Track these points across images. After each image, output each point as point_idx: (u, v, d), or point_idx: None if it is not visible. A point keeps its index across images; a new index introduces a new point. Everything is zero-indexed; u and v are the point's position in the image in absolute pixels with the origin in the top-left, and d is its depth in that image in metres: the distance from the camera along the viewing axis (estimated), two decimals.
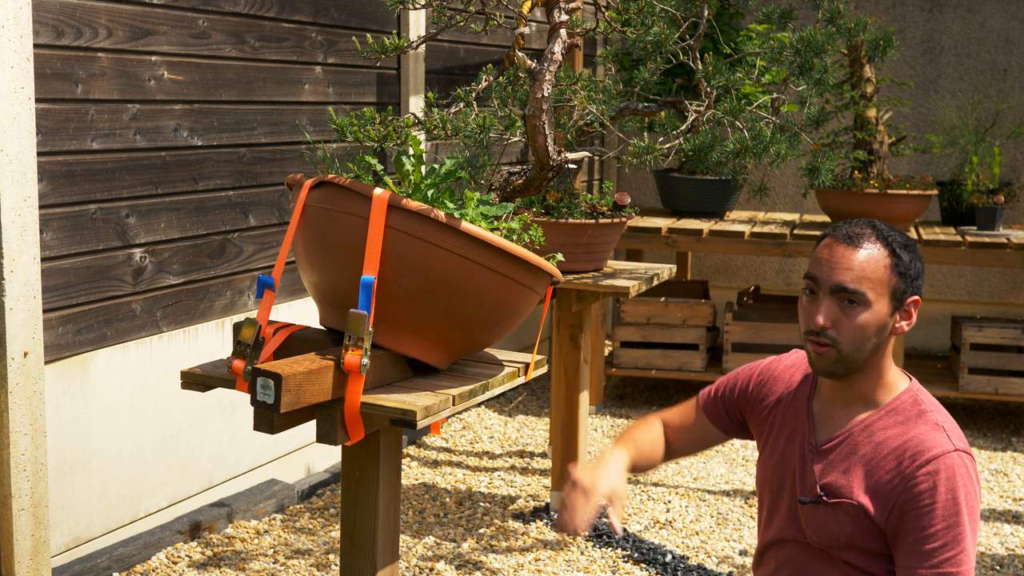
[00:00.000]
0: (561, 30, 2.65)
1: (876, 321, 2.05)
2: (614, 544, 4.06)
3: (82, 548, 3.55)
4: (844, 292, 2.04)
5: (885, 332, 2.07)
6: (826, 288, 2.06)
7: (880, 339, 2.07)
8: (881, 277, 2.04)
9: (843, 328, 2.04)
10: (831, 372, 2.09)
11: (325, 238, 2.24)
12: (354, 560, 2.38)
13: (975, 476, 2.04)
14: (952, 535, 1.98)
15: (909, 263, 2.07)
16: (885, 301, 2.05)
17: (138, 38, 3.60)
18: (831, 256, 2.06)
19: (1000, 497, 4.72)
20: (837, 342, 2.05)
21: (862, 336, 2.05)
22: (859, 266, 2.04)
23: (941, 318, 6.85)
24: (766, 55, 3.80)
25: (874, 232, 2.07)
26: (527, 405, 5.89)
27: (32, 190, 3.13)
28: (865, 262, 2.04)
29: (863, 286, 2.03)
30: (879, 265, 2.04)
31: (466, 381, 2.33)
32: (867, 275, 2.04)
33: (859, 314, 2.04)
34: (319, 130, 4.44)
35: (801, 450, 2.18)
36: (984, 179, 5.85)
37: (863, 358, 2.07)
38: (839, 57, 5.52)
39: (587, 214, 3.85)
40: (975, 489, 2.03)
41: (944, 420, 2.09)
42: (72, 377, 3.46)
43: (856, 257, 2.04)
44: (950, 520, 1.99)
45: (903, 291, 2.07)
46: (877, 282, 2.04)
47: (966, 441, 2.08)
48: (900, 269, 2.06)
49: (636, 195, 7.12)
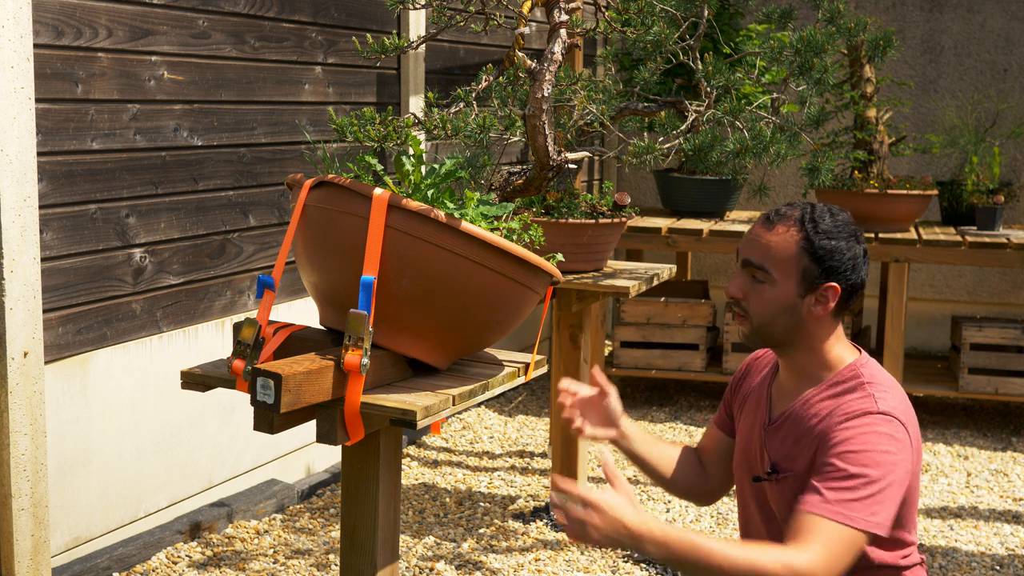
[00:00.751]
0: (561, 30, 2.65)
1: (781, 299, 2.12)
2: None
3: (82, 548, 3.55)
4: (751, 267, 2.14)
5: (796, 312, 2.13)
6: (740, 261, 2.17)
7: (792, 318, 2.13)
8: (788, 258, 2.11)
9: (752, 301, 2.15)
10: (749, 341, 2.19)
11: (325, 238, 2.24)
12: (354, 560, 2.38)
13: (902, 438, 2.03)
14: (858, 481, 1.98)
15: (830, 251, 2.11)
16: (792, 282, 2.12)
17: (138, 38, 3.60)
18: (750, 232, 2.18)
19: (1000, 497, 4.72)
20: (748, 314, 2.15)
21: (768, 311, 2.13)
22: (766, 244, 2.13)
23: (941, 318, 6.85)
24: (766, 55, 3.80)
25: (800, 215, 2.13)
26: (527, 405, 5.89)
27: (32, 190, 3.13)
28: (774, 242, 2.13)
29: (767, 263, 2.12)
30: (787, 246, 2.12)
31: (466, 381, 2.33)
32: (772, 253, 2.12)
33: (764, 290, 2.13)
34: (319, 130, 4.44)
35: (758, 430, 2.25)
36: (984, 179, 5.85)
37: (778, 332, 2.15)
38: (839, 57, 5.52)
39: (587, 214, 3.85)
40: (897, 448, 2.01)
41: (877, 389, 2.09)
42: (72, 377, 3.46)
43: (767, 236, 2.14)
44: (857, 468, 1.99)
45: (815, 275, 2.11)
46: (783, 262, 2.12)
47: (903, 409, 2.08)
48: (815, 253, 2.11)
49: (636, 195, 7.12)
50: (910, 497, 2.13)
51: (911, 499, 2.13)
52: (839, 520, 1.96)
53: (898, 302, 5.41)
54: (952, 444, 5.41)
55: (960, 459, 5.20)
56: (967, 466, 5.10)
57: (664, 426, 5.54)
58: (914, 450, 2.08)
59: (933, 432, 5.57)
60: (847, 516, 1.96)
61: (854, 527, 1.96)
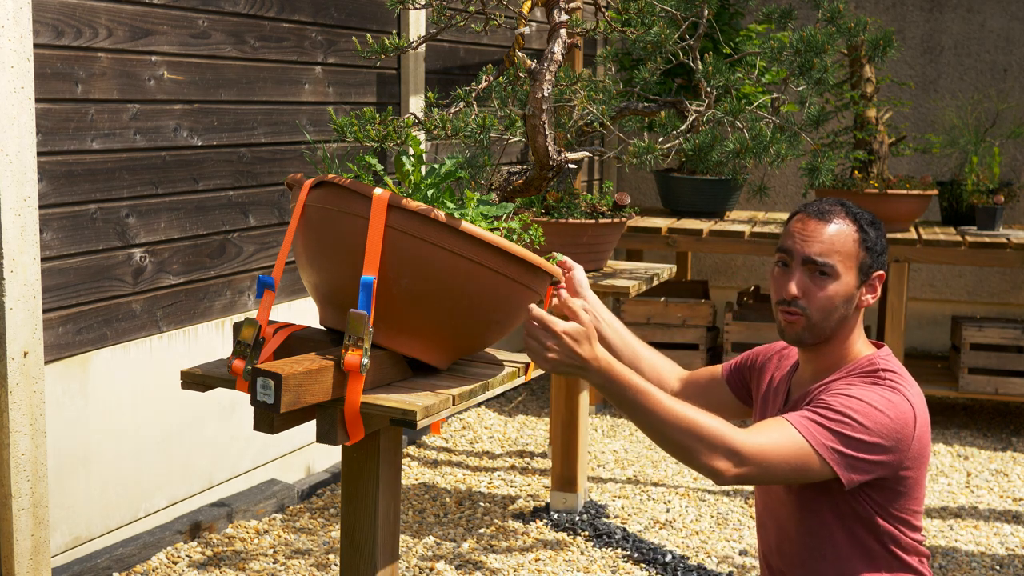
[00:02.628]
0: (561, 30, 2.65)
1: (844, 292, 2.17)
2: (614, 544, 4.07)
3: (82, 548, 3.55)
4: (815, 264, 2.16)
5: (852, 304, 2.19)
6: (798, 259, 2.18)
7: (847, 310, 2.18)
8: (849, 251, 2.17)
9: (813, 298, 2.16)
10: (800, 340, 2.20)
11: (325, 238, 2.24)
12: (354, 560, 2.38)
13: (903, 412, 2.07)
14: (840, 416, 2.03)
15: (876, 239, 2.20)
16: (853, 274, 2.17)
17: (138, 38, 3.60)
18: (804, 230, 2.19)
19: (1000, 497, 4.72)
20: (807, 311, 2.17)
21: (830, 306, 2.16)
22: (829, 239, 2.16)
23: (941, 318, 6.85)
24: (766, 55, 3.80)
25: (843, 209, 2.20)
26: (527, 405, 5.89)
27: (32, 190, 3.13)
28: (835, 236, 2.17)
29: (833, 258, 2.16)
30: (848, 239, 2.17)
31: (466, 381, 2.33)
32: (836, 248, 2.16)
33: (828, 285, 2.16)
34: (319, 130, 4.44)
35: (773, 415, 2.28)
36: (984, 179, 5.85)
37: (831, 327, 2.18)
38: (839, 57, 5.52)
39: (587, 214, 3.85)
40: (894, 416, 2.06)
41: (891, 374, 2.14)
42: (72, 377, 3.46)
43: (827, 231, 2.17)
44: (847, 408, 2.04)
45: (869, 265, 2.19)
46: (846, 255, 2.17)
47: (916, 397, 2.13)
48: (867, 244, 2.18)
49: (636, 195, 7.12)
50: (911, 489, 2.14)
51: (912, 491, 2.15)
52: (799, 430, 2.01)
53: (898, 302, 5.41)
54: (952, 444, 5.41)
55: (960, 459, 5.20)
56: (967, 466, 5.10)
57: None
58: (918, 440, 2.10)
59: (933, 432, 5.57)
60: (809, 432, 2.01)
61: (810, 443, 2.01)
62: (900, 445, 2.07)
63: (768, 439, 1.99)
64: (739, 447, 1.95)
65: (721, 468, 1.95)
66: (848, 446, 2.03)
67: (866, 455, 2.04)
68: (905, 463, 2.09)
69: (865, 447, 2.04)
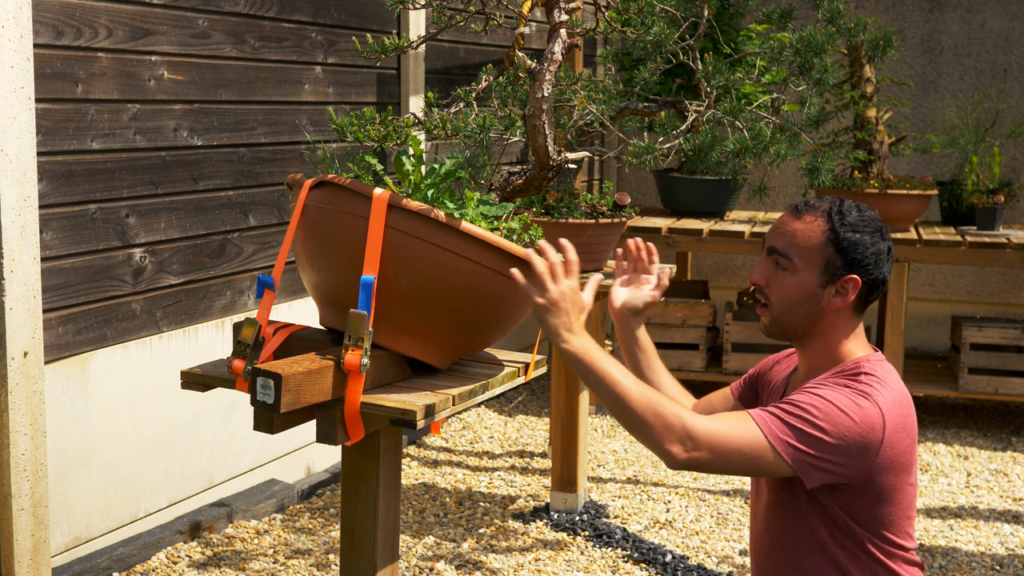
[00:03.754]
0: (561, 30, 2.65)
1: (802, 287, 2.15)
2: (614, 544, 4.07)
3: (82, 548, 3.55)
4: (775, 254, 2.17)
5: (816, 302, 2.15)
6: (765, 248, 2.20)
7: (812, 308, 2.15)
8: (812, 247, 2.14)
9: (773, 289, 2.18)
10: (768, 332, 2.21)
11: (325, 238, 2.24)
12: (354, 560, 2.38)
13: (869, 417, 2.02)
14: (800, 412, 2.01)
15: (854, 243, 2.14)
16: (815, 271, 2.14)
17: (138, 38, 3.60)
18: (777, 221, 2.22)
19: (1000, 497, 4.72)
20: (770, 302, 2.18)
21: (789, 299, 2.16)
22: (793, 232, 2.16)
23: (941, 318, 6.85)
24: (766, 55, 3.80)
25: (828, 207, 2.17)
26: (527, 405, 5.89)
27: (32, 190, 3.13)
28: (800, 230, 2.16)
29: (791, 251, 2.15)
30: (813, 235, 2.15)
31: (466, 381, 2.33)
32: (798, 242, 2.15)
33: (786, 278, 2.16)
34: (319, 130, 4.44)
35: None
36: (984, 179, 5.85)
37: (796, 323, 2.17)
38: (839, 57, 5.52)
39: (587, 214, 3.85)
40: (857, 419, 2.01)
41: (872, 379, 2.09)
42: (72, 377, 3.46)
43: (794, 224, 2.17)
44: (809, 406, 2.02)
45: (838, 267, 2.14)
46: (808, 250, 2.15)
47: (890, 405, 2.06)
48: (839, 244, 2.14)
49: (636, 195, 7.12)
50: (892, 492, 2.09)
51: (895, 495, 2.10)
52: (756, 421, 2.01)
53: (898, 302, 5.41)
54: (952, 444, 5.40)
55: (960, 459, 5.20)
56: (967, 466, 5.10)
57: None
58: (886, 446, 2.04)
59: (933, 432, 5.57)
60: (765, 424, 2.00)
61: (764, 435, 2.00)
62: (865, 451, 2.02)
63: (725, 427, 1.99)
64: (693, 431, 1.95)
65: (674, 451, 1.96)
66: (804, 443, 2.00)
67: (824, 454, 2.00)
68: (874, 469, 2.04)
69: (823, 446, 2.00)
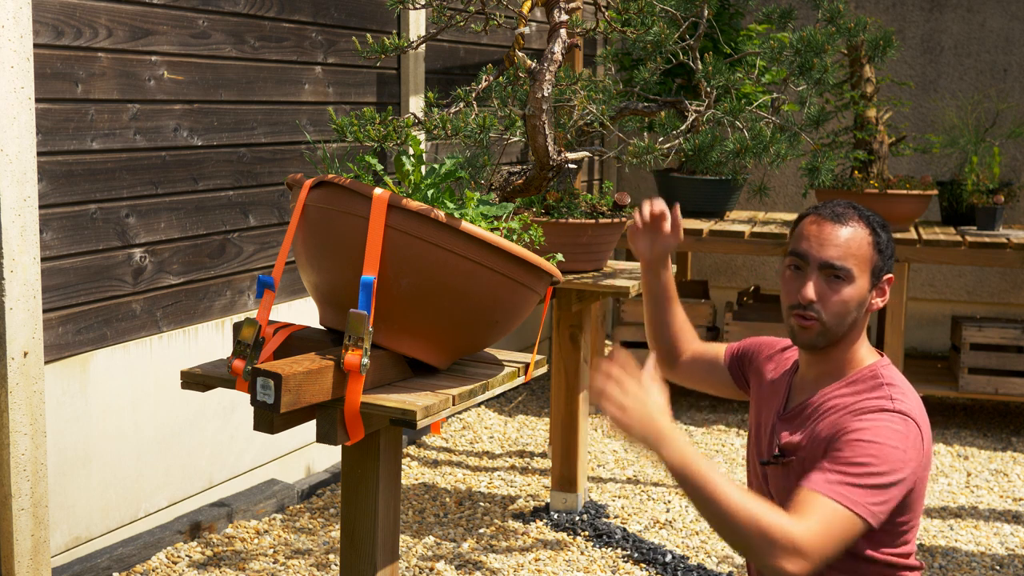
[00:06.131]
0: (561, 30, 2.65)
1: (858, 296, 2.16)
2: (614, 544, 4.07)
3: (82, 548, 3.55)
4: (831, 268, 2.14)
5: (863, 307, 2.18)
6: (814, 264, 2.15)
7: (859, 313, 2.18)
8: (864, 254, 2.16)
9: (828, 302, 2.15)
10: (813, 344, 2.18)
11: (325, 238, 2.24)
12: (354, 560, 2.38)
13: (913, 437, 2.05)
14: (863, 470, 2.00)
15: (887, 242, 2.19)
16: (866, 277, 2.17)
17: (138, 38, 3.60)
18: (819, 233, 2.16)
19: (1000, 497, 4.72)
20: (821, 315, 2.15)
21: (845, 310, 2.15)
22: (845, 243, 2.15)
23: (941, 318, 6.85)
24: (766, 55, 3.80)
25: (856, 212, 2.19)
26: (527, 405, 5.89)
27: (32, 190, 3.13)
28: (851, 239, 2.15)
29: (849, 262, 2.14)
30: (863, 243, 2.16)
31: (466, 381, 2.33)
32: (852, 252, 2.15)
33: (843, 288, 2.15)
34: (319, 130, 4.44)
35: (772, 417, 2.28)
36: (984, 179, 5.85)
37: (843, 331, 2.17)
38: (839, 57, 5.52)
39: (587, 214, 3.85)
40: (908, 446, 2.03)
41: (894, 389, 2.13)
42: (72, 377, 3.46)
43: (842, 234, 2.15)
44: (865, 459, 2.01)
45: (881, 268, 2.18)
46: (861, 259, 2.15)
47: (918, 412, 2.11)
48: (880, 247, 2.17)
49: (636, 195, 7.12)
50: (915, 501, 2.13)
51: (916, 503, 2.14)
52: (838, 500, 1.97)
53: (898, 302, 5.41)
54: (952, 444, 5.41)
55: (960, 459, 5.20)
56: (967, 466, 5.10)
57: None
58: (924, 454, 2.09)
59: (933, 432, 5.57)
60: (846, 498, 1.98)
61: (851, 510, 1.97)
62: (915, 468, 2.07)
63: (820, 524, 1.95)
64: (799, 542, 1.92)
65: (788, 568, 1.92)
66: (877, 495, 2.01)
67: (891, 492, 2.03)
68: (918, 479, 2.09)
69: (890, 488, 2.03)
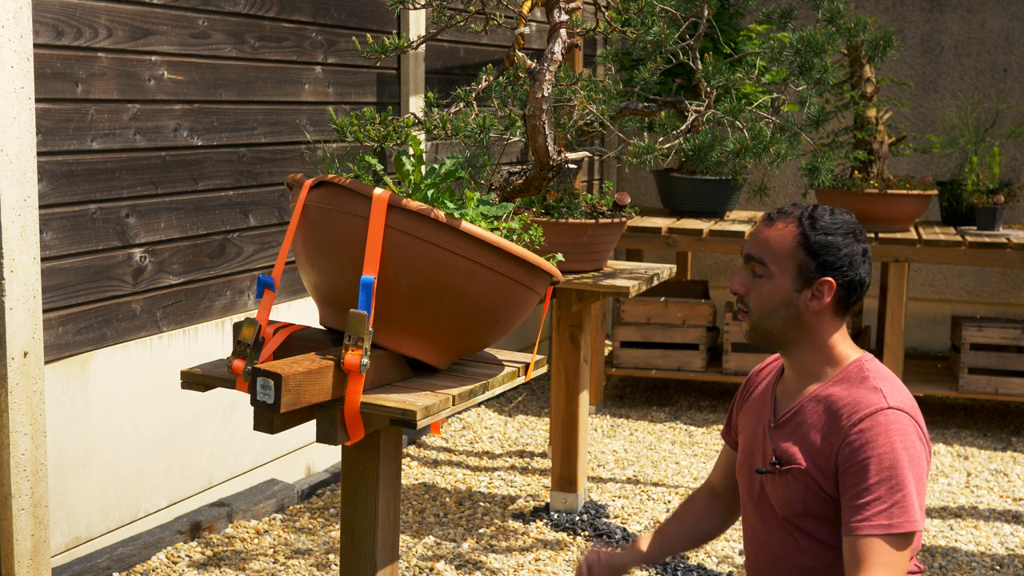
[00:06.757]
0: (561, 30, 2.65)
1: (778, 293, 2.18)
2: (614, 544, 4.06)
3: (82, 548, 3.55)
4: (751, 261, 2.20)
5: (793, 307, 2.18)
6: (743, 257, 2.23)
7: (789, 313, 2.18)
8: (784, 251, 2.17)
9: (752, 296, 2.21)
10: (749, 338, 2.24)
11: (325, 238, 2.24)
12: (354, 560, 2.38)
13: (914, 432, 2.10)
14: (887, 488, 2.04)
15: (825, 245, 2.16)
16: (788, 276, 2.17)
17: (138, 38, 3.60)
18: (755, 229, 2.25)
19: (1000, 497, 4.72)
20: (750, 309, 2.21)
21: (767, 305, 2.18)
22: (766, 239, 2.19)
23: (941, 318, 6.85)
24: (766, 55, 3.80)
25: (800, 213, 2.20)
26: (527, 405, 5.89)
27: (32, 190, 3.13)
28: (772, 236, 2.19)
29: (765, 257, 2.18)
30: (785, 240, 2.17)
31: (466, 381, 2.33)
32: (770, 247, 2.18)
33: (763, 284, 2.19)
34: (319, 130, 4.44)
35: (763, 429, 2.29)
36: (984, 179, 5.85)
37: (776, 328, 2.20)
38: (839, 57, 5.52)
39: (587, 214, 3.85)
40: (913, 443, 2.08)
41: (885, 384, 2.15)
42: (72, 377, 3.46)
43: (767, 232, 2.20)
44: (884, 474, 2.04)
45: (811, 270, 2.16)
46: (780, 256, 2.17)
47: (910, 404, 2.14)
48: (809, 248, 2.16)
49: (636, 195, 7.12)
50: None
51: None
52: (890, 532, 2.02)
53: (898, 302, 5.41)
54: (952, 444, 5.41)
55: (960, 459, 5.20)
56: (967, 466, 5.10)
57: (664, 426, 5.54)
58: (926, 445, 2.14)
59: (933, 432, 5.57)
60: (893, 525, 2.02)
61: (905, 531, 2.02)
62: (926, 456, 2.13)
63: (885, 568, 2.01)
64: None
65: None
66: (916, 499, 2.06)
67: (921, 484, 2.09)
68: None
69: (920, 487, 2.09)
